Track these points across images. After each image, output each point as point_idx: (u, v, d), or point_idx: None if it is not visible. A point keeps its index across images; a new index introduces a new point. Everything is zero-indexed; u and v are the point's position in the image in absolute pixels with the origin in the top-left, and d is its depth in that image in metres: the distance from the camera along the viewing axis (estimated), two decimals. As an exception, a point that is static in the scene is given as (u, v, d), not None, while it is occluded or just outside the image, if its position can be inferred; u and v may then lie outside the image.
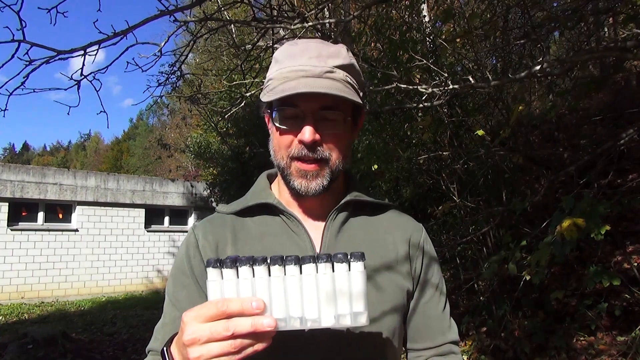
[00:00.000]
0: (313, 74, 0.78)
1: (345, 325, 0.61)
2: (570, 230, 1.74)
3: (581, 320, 3.51)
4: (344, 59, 0.81)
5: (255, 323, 0.57)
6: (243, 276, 0.60)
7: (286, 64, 0.80)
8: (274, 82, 0.80)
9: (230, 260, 0.61)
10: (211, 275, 0.61)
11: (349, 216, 0.88)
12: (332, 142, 0.80)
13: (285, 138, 0.80)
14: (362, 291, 0.61)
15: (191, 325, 0.58)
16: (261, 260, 0.61)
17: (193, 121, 15.88)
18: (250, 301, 0.58)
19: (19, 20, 1.79)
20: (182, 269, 0.86)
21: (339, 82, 0.79)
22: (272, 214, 0.87)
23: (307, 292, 0.60)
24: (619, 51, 2.39)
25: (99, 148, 51.74)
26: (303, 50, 0.81)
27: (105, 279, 10.83)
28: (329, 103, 0.78)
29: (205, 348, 0.57)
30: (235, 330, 0.56)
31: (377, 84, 3.68)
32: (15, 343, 5.42)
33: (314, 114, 0.78)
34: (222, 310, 0.58)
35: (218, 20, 2.97)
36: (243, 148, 9.03)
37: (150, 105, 21.56)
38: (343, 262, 0.61)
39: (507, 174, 4.23)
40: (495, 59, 4.87)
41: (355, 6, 4.71)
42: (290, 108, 0.79)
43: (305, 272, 0.61)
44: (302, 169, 0.80)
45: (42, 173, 10.32)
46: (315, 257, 0.62)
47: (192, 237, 0.87)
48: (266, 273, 0.61)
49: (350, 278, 0.61)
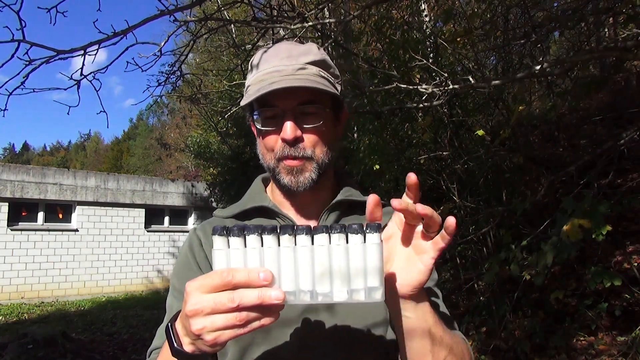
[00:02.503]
0: (286, 73, 0.80)
1: (359, 300, 0.57)
2: (574, 231, 1.74)
3: (581, 320, 3.51)
4: (315, 55, 0.83)
5: (263, 295, 0.53)
6: (251, 245, 0.56)
7: (261, 68, 0.83)
8: (251, 87, 0.83)
9: (237, 229, 0.57)
10: (217, 244, 0.57)
11: (340, 216, 0.88)
12: (314, 136, 0.81)
13: (269, 139, 0.82)
14: (378, 265, 0.56)
15: (194, 295, 0.55)
16: (270, 229, 0.57)
17: (193, 121, 15.88)
18: (257, 271, 0.55)
19: (18, 20, 1.79)
20: (187, 264, 0.86)
21: (312, 76, 0.81)
22: (268, 217, 0.88)
23: (319, 264, 0.56)
24: (619, 51, 2.39)
25: (99, 148, 51.75)
26: (275, 53, 0.84)
27: (105, 279, 10.83)
28: (307, 98, 0.80)
29: (208, 320, 0.54)
30: (241, 301, 0.53)
31: (377, 83, 3.68)
32: (15, 343, 5.42)
33: (293, 110, 0.80)
34: (228, 280, 0.54)
35: (218, 20, 2.97)
36: (243, 148, 9.03)
37: (150, 105, 21.57)
38: (358, 234, 0.57)
39: (507, 174, 4.23)
40: (495, 59, 4.87)
41: (355, 6, 4.71)
42: (269, 109, 0.80)
43: (317, 242, 0.57)
44: (288, 166, 0.81)
45: (42, 173, 10.32)
46: (328, 228, 0.57)
47: (195, 237, 0.89)
48: (275, 243, 0.57)
49: (366, 250, 0.57)
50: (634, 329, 3.16)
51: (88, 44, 2.15)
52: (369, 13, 4.24)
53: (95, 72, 2.34)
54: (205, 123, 10.74)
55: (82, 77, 2.28)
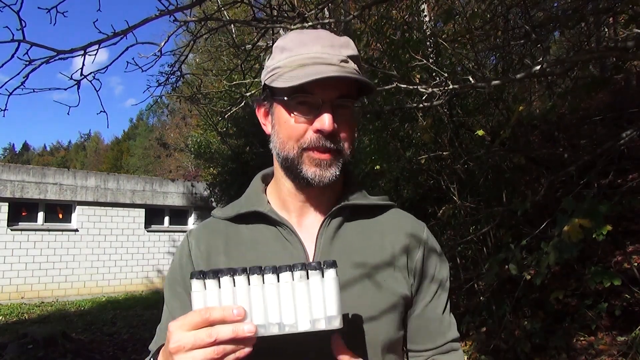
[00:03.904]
0: (331, 62, 0.76)
1: (320, 328, 0.63)
2: (575, 231, 1.74)
3: (581, 320, 3.51)
4: (353, 50, 0.81)
5: (237, 330, 0.60)
6: (224, 286, 0.63)
7: (298, 51, 0.77)
8: (284, 69, 0.77)
9: (212, 272, 0.64)
10: (195, 287, 0.64)
11: (343, 221, 0.84)
12: (346, 132, 0.79)
13: (298, 127, 0.77)
14: (335, 296, 0.64)
15: (176, 333, 0.61)
16: (241, 271, 0.64)
17: (193, 121, 15.88)
18: (231, 309, 0.61)
19: (18, 20, 1.79)
20: (175, 277, 0.86)
21: (354, 71, 0.78)
22: (266, 222, 0.84)
23: (284, 299, 0.64)
24: (619, 51, 2.39)
25: (99, 148, 51.76)
26: (315, 38, 0.78)
27: (105, 279, 10.83)
28: (346, 91, 0.77)
29: (189, 355, 0.59)
30: (217, 336, 0.59)
31: (377, 83, 3.68)
32: (15, 343, 5.42)
33: (332, 102, 0.76)
34: (205, 318, 0.60)
35: (218, 20, 2.97)
36: (243, 148, 9.03)
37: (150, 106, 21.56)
38: (317, 270, 0.65)
39: (507, 174, 4.23)
40: (495, 59, 4.87)
41: (355, 6, 4.71)
42: (308, 95, 0.75)
43: (282, 280, 0.64)
44: (316, 158, 0.77)
45: (42, 173, 10.32)
46: (291, 267, 0.65)
47: (186, 246, 0.86)
48: (246, 282, 0.64)
49: (324, 284, 0.64)
50: (634, 329, 3.17)
51: (88, 44, 2.15)
52: (369, 13, 4.23)
53: (95, 72, 2.34)
54: (205, 123, 10.74)
55: (82, 77, 2.28)
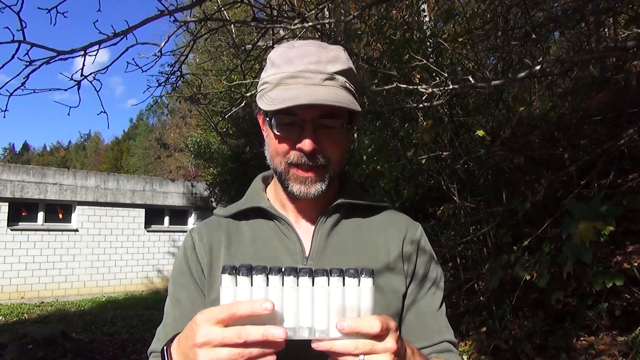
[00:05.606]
0: (313, 81, 0.77)
1: None
2: (588, 232, 1.74)
3: (581, 320, 3.50)
4: (343, 63, 0.80)
5: (267, 333, 0.58)
6: (257, 284, 0.62)
7: (284, 69, 0.79)
8: (270, 86, 0.79)
9: (245, 268, 0.62)
10: (225, 282, 0.62)
11: (340, 219, 0.87)
12: (330, 149, 0.80)
13: (283, 145, 0.79)
14: (369, 307, 0.63)
15: (204, 327, 0.59)
16: (277, 270, 0.62)
17: (193, 121, 15.89)
18: (259, 302, 0.58)
19: (19, 21, 1.79)
20: (181, 270, 0.87)
21: (338, 89, 0.78)
22: (266, 218, 0.88)
23: (318, 304, 0.62)
24: (619, 51, 2.39)
25: (99, 148, 51.78)
26: (302, 55, 0.78)
27: (105, 279, 10.83)
28: (328, 111, 0.77)
29: (214, 352, 0.58)
30: (247, 338, 0.57)
31: (377, 83, 3.68)
32: (15, 343, 5.42)
33: (313, 122, 0.77)
34: (233, 312, 0.58)
35: (218, 20, 2.97)
36: (243, 148, 9.02)
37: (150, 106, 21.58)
38: (354, 277, 0.63)
39: (507, 174, 4.22)
40: (495, 59, 4.87)
41: (355, 6, 4.71)
42: (289, 116, 0.77)
43: (317, 284, 0.63)
44: (300, 176, 0.80)
45: (42, 173, 10.32)
46: (328, 271, 0.63)
47: (190, 240, 0.89)
48: (280, 282, 0.62)
49: (360, 293, 0.63)
50: (634, 329, 3.16)
51: (88, 44, 2.16)
52: (369, 13, 4.23)
53: (95, 73, 2.35)
54: (205, 123, 10.74)
55: (83, 77, 2.28)
